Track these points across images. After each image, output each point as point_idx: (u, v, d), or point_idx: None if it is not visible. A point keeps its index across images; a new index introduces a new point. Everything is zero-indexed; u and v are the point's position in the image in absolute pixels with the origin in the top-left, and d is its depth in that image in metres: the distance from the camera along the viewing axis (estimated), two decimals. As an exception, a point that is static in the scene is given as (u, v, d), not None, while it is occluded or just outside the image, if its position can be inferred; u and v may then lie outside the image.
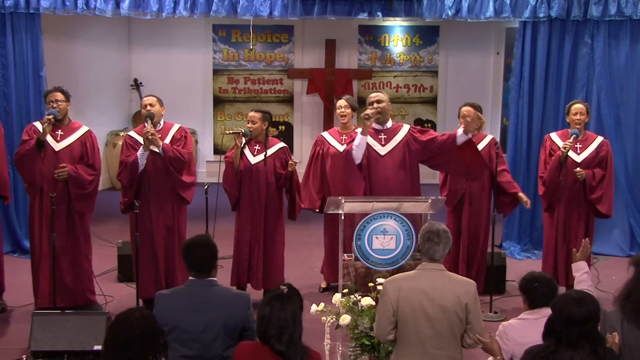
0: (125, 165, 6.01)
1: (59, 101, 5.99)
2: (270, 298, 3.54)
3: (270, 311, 3.48)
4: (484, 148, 6.55)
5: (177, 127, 6.25)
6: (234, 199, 6.29)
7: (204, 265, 4.01)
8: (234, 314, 3.93)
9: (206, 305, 3.92)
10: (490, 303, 6.27)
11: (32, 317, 5.22)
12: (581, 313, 3.26)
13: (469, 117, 6.39)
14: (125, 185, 6.08)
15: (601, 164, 6.47)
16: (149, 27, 10.85)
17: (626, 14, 7.86)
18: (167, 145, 6.04)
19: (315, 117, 11.62)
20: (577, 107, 6.51)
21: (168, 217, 6.09)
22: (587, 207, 6.47)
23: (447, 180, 6.55)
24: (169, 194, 6.08)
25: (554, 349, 3.28)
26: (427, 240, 4.00)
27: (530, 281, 4.01)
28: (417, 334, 3.88)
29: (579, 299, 3.32)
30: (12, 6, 7.64)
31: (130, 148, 6.09)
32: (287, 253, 6.63)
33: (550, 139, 6.62)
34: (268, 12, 7.93)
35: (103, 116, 11.00)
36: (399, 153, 5.99)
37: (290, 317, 3.48)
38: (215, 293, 3.99)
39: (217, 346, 3.88)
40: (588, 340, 3.26)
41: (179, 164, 6.05)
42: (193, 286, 4.01)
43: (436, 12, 7.98)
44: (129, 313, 3.35)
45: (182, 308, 3.90)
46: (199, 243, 4.08)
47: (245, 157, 6.24)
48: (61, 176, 5.91)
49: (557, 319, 3.32)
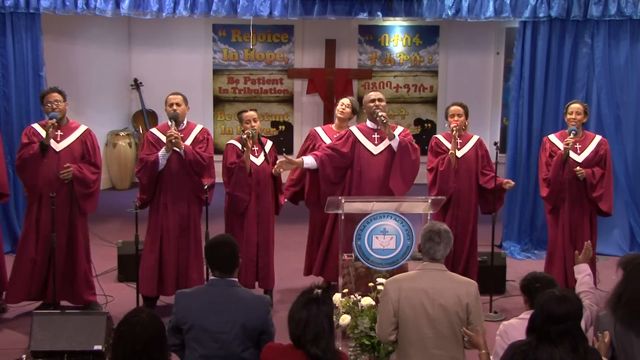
0: (146, 164, 6.01)
1: (58, 101, 5.98)
2: (306, 301, 3.48)
3: (308, 315, 3.42)
4: (472, 148, 6.54)
5: (199, 128, 6.26)
6: (244, 204, 6.15)
7: (226, 264, 4.00)
8: (254, 316, 3.91)
9: (226, 306, 3.90)
10: (490, 303, 6.27)
11: (32, 317, 5.21)
12: (562, 311, 3.27)
13: (457, 115, 6.43)
14: (144, 184, 6.10)
15: (600, 163, 6.47)
16: (149, 27, 10.84)
17: (626, 14, 7.86)
18: (188, 148, 6.04)
19: (315, 117, 11.61)
20: (574, 107, 6.51)
21: (183, 217, 6.09)
22: (589, 206, 6.47)
23: (437, 179, 6.52)
24: (186, 194, 6.09)
25: (534, 345, 3.30)
26: (428, 240, 3.99)
27: (531, 281, 4.01)
28: (418, 334, 3.87)
29: (560, 297, 3.32)
30: (12, 6, 7.64)
31: (152, 146, 6.08)
32: (286, 253, 6.64)
33: (550, 140, 6.61)
34: (268, 12, 7.93)
35: (103, 116, 11.00)
36: (390, 153, 6.04)
37: (327, 322, 3.45)
38: (236, 294, 3.97)
39: (236, 346, 3.87)
40: (568, 338, 3.26)
41: (200, 168, 6.08)
42: (214, 285, 4.00)
43: (436, 12, 7.97)
44: (135, 314, 3.34)
45: (203, 307, 3.88)
46: (222, 243, 4.07)
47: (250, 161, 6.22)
48: (66, 177, 5.91)
49: (538, 315, 3.33)
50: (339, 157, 6.09)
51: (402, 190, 6.09)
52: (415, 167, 6.17)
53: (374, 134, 6.12)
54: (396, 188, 6.05)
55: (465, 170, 6.49)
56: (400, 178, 6.05)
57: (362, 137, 6.09)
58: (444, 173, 6.42)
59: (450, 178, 6.43)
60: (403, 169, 6.07)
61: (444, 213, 6.50)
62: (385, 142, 6.11)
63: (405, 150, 6.04)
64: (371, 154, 6.07)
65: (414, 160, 6.12)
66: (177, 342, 3.96)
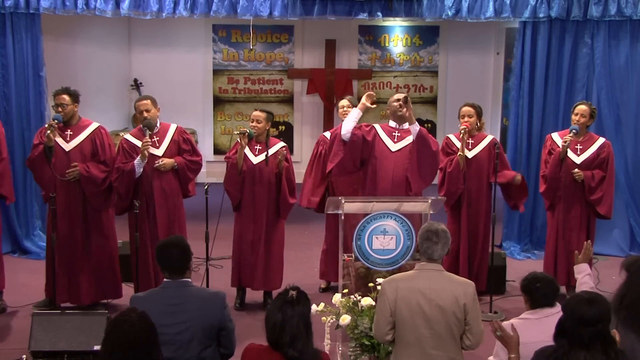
0: (122, 173, 5.97)
1: (65, 104, 6.01)
2: (280, 304, 3.46)
3: (283, 318, 3.41)
4: (484, 148, 6.56)
5: (174, 127, 6.21)
6: (237, 200, 6.25)
7: (177, 266, 3.97)
8: (210, 314, 3.90)
9: (181, 306, 3.88)
10: (490, 303, 6.27)
11: (32, 317, 5.22)
12: (592, 313, 3.24)
13: (467, 116, 6.43)
14: (121, 193, 6.05)
15: (601, 166, 6.47)
16: (149, 27, 10.84)
17: (626, 14, 7.86)
18: (181, 164, 6.08)
19: (315, 117, 11.62)
20: (580, 108, 6.53)
21: (170, 215, 6.12)
22: (587, 208, 6.48)
23: (445, 180, 6.54)
24: (171, 194, 6.11)
25: (566, 350, 3.26)
26: (425, 240, 3.99)
27: (532, 281, 4.01)
28: (415, 335, 3.87)
29: (590, 300, 3.30)
30: (12, 6, 7.64)
31: (127, 154, 6.04)
32: (287, 253, 6.63)
33: (551, 138, 6.64)
34: (268, 12, 7.93)
35: (103, 116, 10.93)
36: (408, 153, 6.01)
37: (303, 323, 3.43)
38: (191, 294, 3.95)
39: (194, 347, 3.86)
40: (600, 341, 3.25)
41: (195, 174, 6.16)
42: (167, 287, 3.97)
43: (436, 12, 7.97)
44: (125, 314, 3.34)
45: (157, 310, 3.79)
46: (172, 244, 4.04)
47: (247, 158, 6.22)
48: (72, 176, 5.92)
49: (568, 319, 3.29)
50: (362, 145, 5.99)
51: (419, 185, 5.96)
52: (435, 161, 6.02)
53: (395, 132, 6.09)
54: (413, 181, 5.92)
55: (476, 171, 6.50)
56: (418, 171, 5.92)
57: (383, 133, 6.06)
58: (451, 174, 6.44)
59: (459, 179, 6.44)
60: (421, 161, 5.91)
61: (459, 213, 6.52)
62: (404, 141, 6.02)
63: (425, 141, 5.90)
64: (389, 150, 6.04)
65: (434, 152, 5.94)
66: None
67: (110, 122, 11.34)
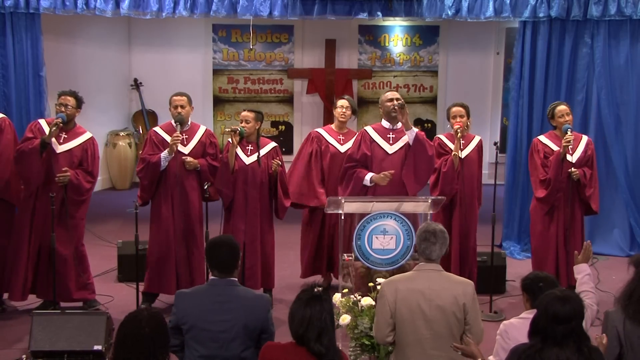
0: (147, 165, 6.04)
1: (69, 106, 6.01)
2: (308, 299, 3.50)
3: (311, 313, 3.45)
4: (473, 150, 6.55)
5: (203, 129, 6.30)
6: (229, 199, 6.21)
7: (226, 265, 4.01)
8: (255, 315, 3.93)
9: (227, 305, 3.92)
10: (490, 303, 6.27)
11: (32, 317, 5.22)
12: (566, 311, 3.25)
13: (459, 116, 6.43)
14: (144, 185, 6.13)
15: (588, 163, 6.50)
16: (149, 27, 10.85)
17: (626, 14, 7.86)
18: (204, 166, 6.15)
19: (315, 117, 11.62)
20: (563, 108, 6.46)
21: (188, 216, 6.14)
22: (580, 206, 6.49)
23: (440, 180, 6.51)
24: (191, 193, 6.14)
25: (539, 348, 3.26)
26: (423, 240, 3.99)
27: (534, 281, 3.99)
28: (416, 335, 3.87)
29: (563, 297, 3.30)
30: (12, 6, 7.64)
31: (154, 146, 6.11)
32: (284, 253, 6.63)
33: (541, 142, 6.56)
34: (268, 12, 7.93)
35: (103, 116, 11.00)
36: (404, 153, 6.02)
37: (329, 319, 3.49)
38: (237, 293, 3.99)
39: (236, 346, 3.89)
40: (573, 339, 3.25)
41: (213, 178, 6.17)
42: (214, 285, 4.01)
43: (436, 12, 7.97)
44: (137, 312, 3.35)
45: (203, 307, 3.90)
46: (222, 242, 4.09)
47: (238, 158, 6.21)
48: (62, 181, 5.91)
49: (542, 317, 3.30)
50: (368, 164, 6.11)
51: (414, 188, 6.04)
52: (430, 165, 6.12)
53: (389, 133, 6.10)
54: (409, 184, 5.99)
55: (468, 171, 6.50)
56: (414, 175, 5.99)
57: (377, 136, 6.07)
58: (446, 174, 6.42)
59: (454, 179, 6.43)
60: (417, 165, 5.99)
61: (450, 214, 6.51)
62: (400, 141, 6.05)
63: (422, 145, 5.96)
64: (386, 153, 6.05)
65: (430, 157, 6.05)
66: (177, 343, 3.96)
67: (110, 122, 11.38)
